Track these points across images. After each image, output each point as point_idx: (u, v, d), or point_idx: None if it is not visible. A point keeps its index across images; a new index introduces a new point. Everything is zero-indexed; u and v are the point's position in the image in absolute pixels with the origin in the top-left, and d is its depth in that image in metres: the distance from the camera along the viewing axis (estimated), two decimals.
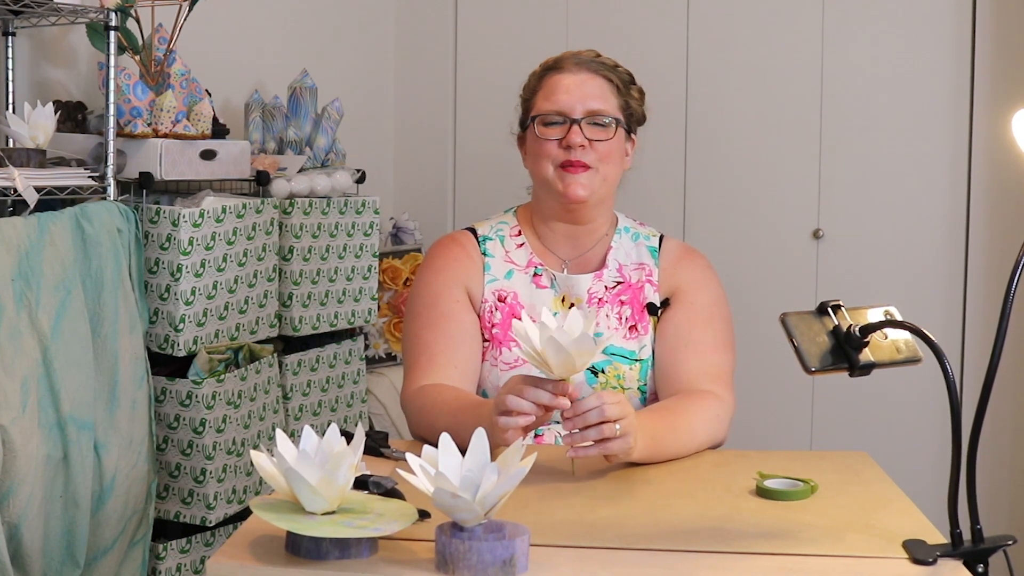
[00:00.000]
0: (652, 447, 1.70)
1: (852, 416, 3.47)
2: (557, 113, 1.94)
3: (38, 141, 2.35)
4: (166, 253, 2.46)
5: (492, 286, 1.98)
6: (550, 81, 1.97)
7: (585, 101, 1.94)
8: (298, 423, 2.85)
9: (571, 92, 1.94)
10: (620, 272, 1.99)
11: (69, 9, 2.39)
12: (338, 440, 1.36)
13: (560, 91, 1.95)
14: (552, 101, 1.95)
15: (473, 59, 3.83)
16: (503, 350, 1.94)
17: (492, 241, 2.02)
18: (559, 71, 1.97)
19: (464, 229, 2.07)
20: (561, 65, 1.98)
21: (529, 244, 2.02)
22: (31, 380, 2.16)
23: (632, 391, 1.92)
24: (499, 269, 1.99)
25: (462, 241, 2.03)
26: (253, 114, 2.95)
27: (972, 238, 3.38)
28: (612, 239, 2.02)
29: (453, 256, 2.00)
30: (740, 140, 3.56)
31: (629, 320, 1.96)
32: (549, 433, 1.93)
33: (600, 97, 1.95)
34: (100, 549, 2.34)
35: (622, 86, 1.99)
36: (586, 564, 1.32)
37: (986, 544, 1.34)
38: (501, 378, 1.92)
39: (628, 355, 1.94)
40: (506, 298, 1.97)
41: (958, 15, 3.36)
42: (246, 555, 1.32)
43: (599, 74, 1.97)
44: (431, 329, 1.94)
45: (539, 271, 1.99)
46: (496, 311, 1.96)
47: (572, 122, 1.92)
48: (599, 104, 1.94)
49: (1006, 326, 1.31)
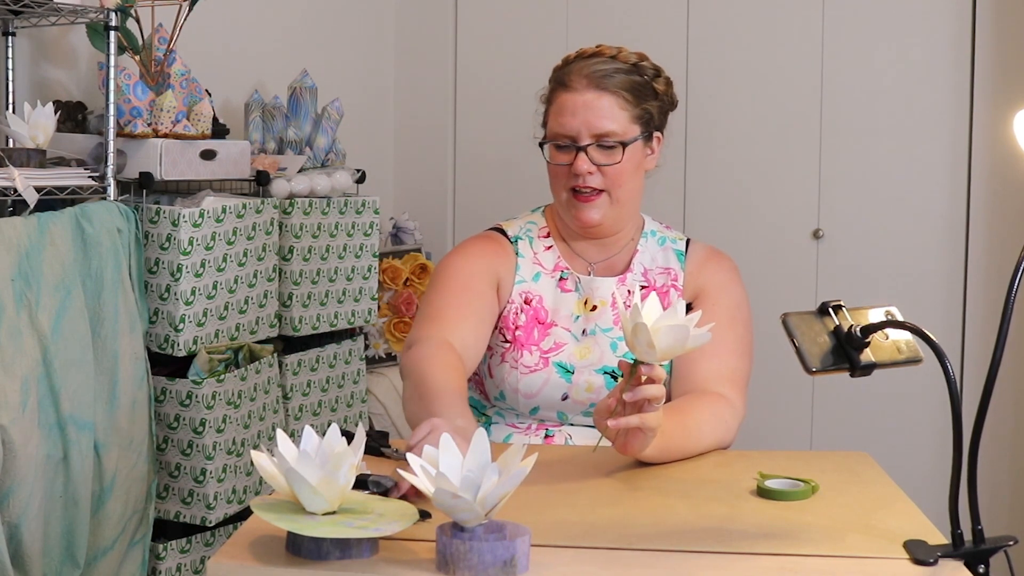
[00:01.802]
0: (661, 445, 1.68)
1: (852, 416, 3.47)
2: (565, 136, 1.91)
3: (38, 141, 2.35)
4: (166, 253, 2.46)
5: (520, 287, 1.97)
6: (559, 99, 1.93)
7: (591, 125, 1.89)
8: (298, 423, 2.85)
9: (576, 115, 1.89)
10: (645, 276, 1.99)
11: (69, 9, 2.39)
12: (338, 440, 1.36)
13: (567, 113, 1.90)
14: (560, 124, 1.91)
15: (473, 59, 3.83)
16: (524, 353, 1.93)
17: (523, 241, 2.01)
18: (566, 88, 1.92)
19: (491, 230, 2.04)
20: (569, 81, 1.92)
21: (557, 247, 2.01)
22: (31, 380, 2.16)
23: None
24: (528, 271, 1.99)
25: (496, 238, 2.01)
26: (253, 114, 2.95)
27: (972, 238, 3.38)
28: (638, 243, 2.01)
29: (490, 248, 1.98)
30: (740, 140, 3.56)
31: None
32: (560, 434, 1.93)
33: (609, 117, 1.90)
34: (100, 549, 2.34)
35: (636, 94, 1.93)
36: (587, 564, 1.32)
37: (987, 544, 1.34)
38: (520, 381, 1.92)
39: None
40: (531, 301, 1.96)
41: (958, 15, 3.36)
42: (246, 555, 1.32)
43: (607, 91, 1.90)
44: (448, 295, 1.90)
45: (565, 275, 1.98)
46: (521, 313, 1.96)
47: (578, 149, 1.89)
48: (607, 126, 1.89)
49: (1007, 327, 1.31)
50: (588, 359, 1.92)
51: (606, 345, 1.94)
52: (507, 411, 1.98)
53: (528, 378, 1.91)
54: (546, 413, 1.93)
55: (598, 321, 1.95)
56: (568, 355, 1.92)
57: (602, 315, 1.95)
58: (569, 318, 1.95)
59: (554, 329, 1.94)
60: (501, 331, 1.96)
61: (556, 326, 1.94)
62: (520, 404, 1.93)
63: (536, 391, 1.92)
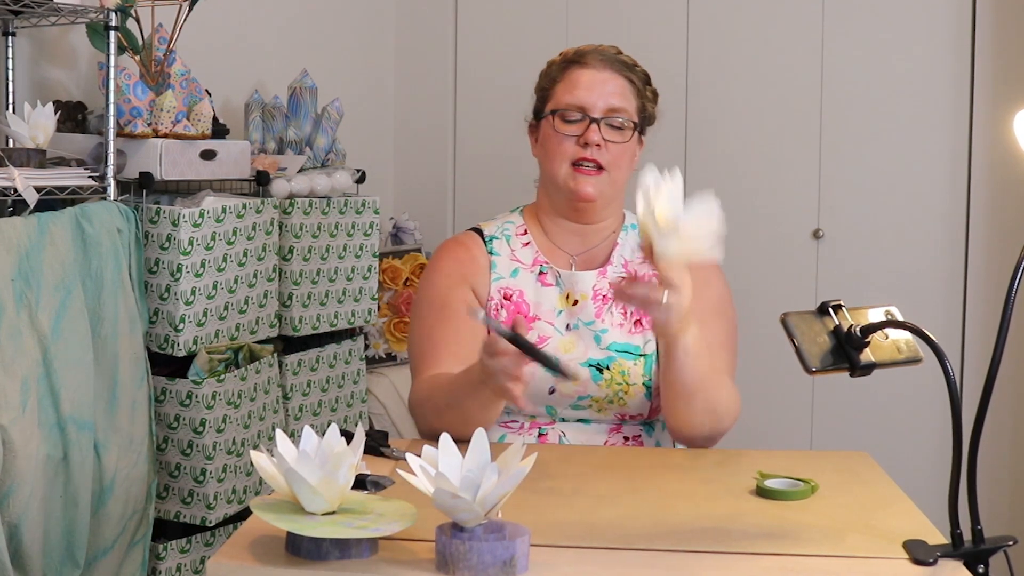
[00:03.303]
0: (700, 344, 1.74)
1: (852, 416, 3.47)
2: (578, 108, 1.94)
3: (38, 141, 2.35)
4: (166, 253, 2.45)
5: (498, 284, 1.98)
6: (572, 74, 1.97)
7: (607, 99, 1.94)
8: (298, 423, 2.85)
9: (593, 89, 1.94)
10: (625, 268, 1.99)
11: (69, 9, 2.38)
12: (338, 440, 1.36)
13: (582, 86, 1.94)
14: (574, 95, 1.94)
15: (473, 59, 3.83)
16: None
17: (498, 240, 2.02)
18: (582, 65, 1.97)
19: (469, 230, 2.07)
20: (584, 60, 1.97)
21: (535, 243, 2.02)
22: (31, 380, 2.15)
23: (637, 386, 1.92)
24: (505, 268, 1.99)
25: (467, 243, 2.03)
26: (253, 114, 2.95)
27: (972, 238, 3.38)
28: (619, 236, 2.02)
29: (458, 258, 2.00)
30: (740, 140, 3.56)
31: (634, 315, 1.95)
32: (553, 432, 1.93)
33: (621, 96, 1.95)
34: (100, 549, 2.34)
35: (640, 87, 1.99)
36: (586, 564, 1.32)
37: (987, 545, 1.34)
38: None
39: (633, 350, 1.93)
40: (512, 296, 1.98)
41: (958, 15, 3.36)
42: (246, 555, 1.32)
43: (621, 74, 1.96)
44: (436, 328, 1.94)
45: (544, 269, 1.99)
46: (502, 309, 1.97)
47: (591, 120, 1.92)
48: (620, 103, 1.94)
49: (1007, 327, 1.31)
50: (573, 353, 1.93)
51: (590, 338, 1.94)
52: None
53: None
54: (535, 409, 1.94)
55: (580, 315, 1.96)
56: (553, 349, 1.92)
57: (584, 309, 1.96)
58: (552, 312, 1.96)
59: (538, 323, 1.95)
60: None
61: (539, 320, 1.96)
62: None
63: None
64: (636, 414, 1.93)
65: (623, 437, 1.94)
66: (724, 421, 1.86)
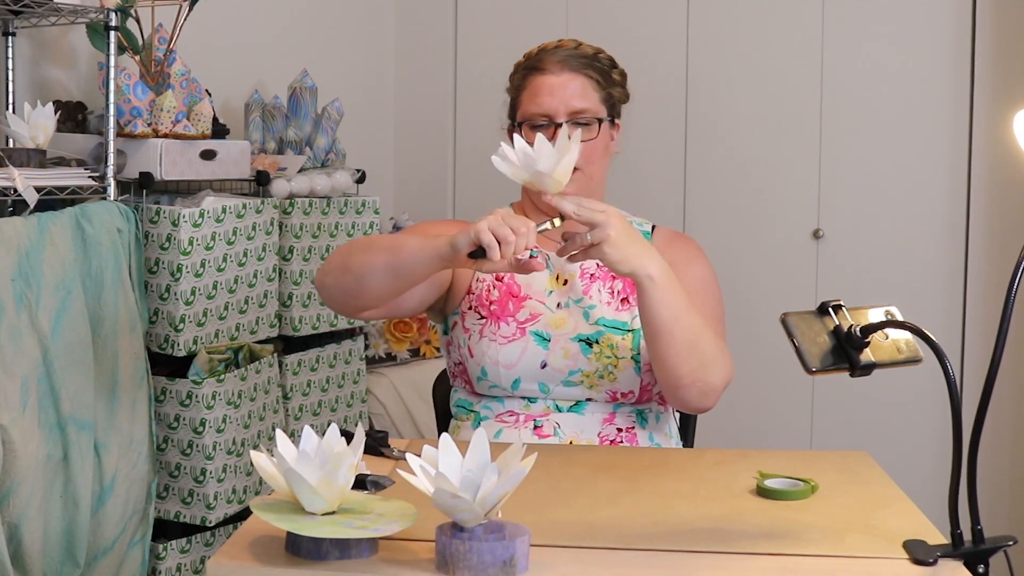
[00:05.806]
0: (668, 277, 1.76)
1: (852, 416, 3.47)
2: (542, 115, 1.99)
3: (38, 141, 2.35)
4: (166, 253, 2.46)
5: None
6: (534, 83, 2.01)
7: (568, 103, 1.98)
8: (298, 423, 2.85)
9: (554, 94, 1.99)
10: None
11: (69, 9, 2.39)
12: (338, 440, 1.36)
13: (543, 93, 1.99)
14: (536, 104, 1.99)
15: (473, 59, 3.83)
16: (501, 324, 1.98)
17: None
18: (541, 72, 2.01)
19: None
20: (543, 65, 2.01)
21: None
22: (31, 380, 2.16)
23: (626, 360, 1.94)
24: None
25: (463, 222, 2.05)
26: (253, 114, 2.95)
27: (972, 238, 3.38)
28: None
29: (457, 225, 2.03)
30: (740, 140, 3.56)
31: (620, 293, 2.00)
32: (548, 424, 1.94)
33: (582, 96, 1.99)
34: (100, 549, 2.34)
35: (602, 78, 2.03)
36: (586, 564, 1.32)
37: (987, 544, 1.34)
38: (500, 352, 1.95)
39: (620, 326, 1.97)
40: (503, 277, 2.02)
41: (958, 15, 3.36)
42: (246, 555, 1.32)
43: (580, 72, 2.00)
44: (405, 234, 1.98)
45: (534, 253, 2.03)
46: (494, 289, 2.01)
47: (556, 126, 1.97)
48: (582, 103, 1.99)
49: (1007, 327, 1.31)
50: (564, 328, 1.97)
51: (579, 314, 1.99)
52: (493, 400, 1.99)
53: (506, 348, 1.96)
54: (528, 385, 1.96)
55: (570, 293, 2.01)
56: (544, 324, 1.98)
57: (572, 288, 2.01)
58: (543, 292, 2.01)
59: (528, 302, 2.00)
60: (476, 309, 2.01)
61: (531, 299, 1.99)
62: (502, 377, 1.96)
63: (515, 361, 1.96)
64: (627, 391, 1.94)
65: (616, 428, 1.95)
66: (711, 372, 1.83)
